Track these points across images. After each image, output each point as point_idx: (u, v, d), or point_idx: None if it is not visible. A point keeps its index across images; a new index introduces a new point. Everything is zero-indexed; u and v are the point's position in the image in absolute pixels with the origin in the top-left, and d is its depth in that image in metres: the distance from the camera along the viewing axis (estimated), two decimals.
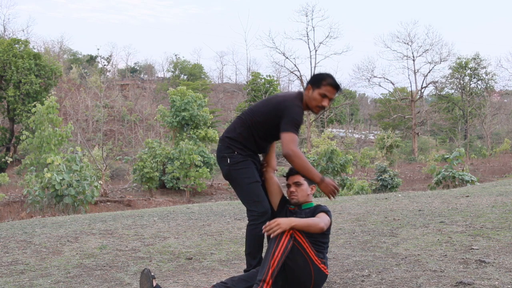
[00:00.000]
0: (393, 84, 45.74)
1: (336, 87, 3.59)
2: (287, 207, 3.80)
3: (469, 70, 44.77)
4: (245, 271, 3.72)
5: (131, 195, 22.92)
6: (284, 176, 3.85)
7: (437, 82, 46.05)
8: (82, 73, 49.86)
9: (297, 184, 3.73)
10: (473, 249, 4.68)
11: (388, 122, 45.28)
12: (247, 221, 3.75)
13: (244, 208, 4.16)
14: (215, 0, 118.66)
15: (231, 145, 3.69)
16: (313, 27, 40.96)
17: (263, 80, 40.81)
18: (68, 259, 5.00)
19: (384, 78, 45.17)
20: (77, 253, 5.22)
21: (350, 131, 48.93)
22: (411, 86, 46.21)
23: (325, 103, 3.58)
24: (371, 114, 57.03)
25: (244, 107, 31.64)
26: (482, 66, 44.98)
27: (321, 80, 3.60)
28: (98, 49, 43.87)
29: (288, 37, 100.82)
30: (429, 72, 43.87)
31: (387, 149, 33.83)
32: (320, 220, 3.48)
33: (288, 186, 3.78)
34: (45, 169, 14.76)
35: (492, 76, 45.62)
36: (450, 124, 47.42)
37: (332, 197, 3.60)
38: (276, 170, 4.00)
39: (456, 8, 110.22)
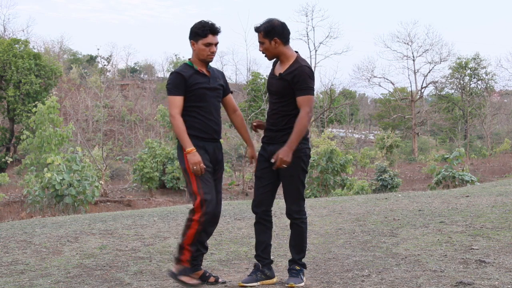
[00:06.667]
0: (393, 84, 45.63)
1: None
2: None
3: (469, 70, 44.70)
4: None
5: (131, 195, 22.91)
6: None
7: (437, 82, 45.97)
8: (82, 73, 49.77)
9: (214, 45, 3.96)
10: (473, 249, 4.69)
11: (388, 122, 45.21)
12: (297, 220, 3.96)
13: (244, 208, 4.16)
14: (215, 0, 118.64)
15: None
16: (313, 27, 40.89)
17: (263, 80, 40.72)
18: (68, 259, 5.00)
19: (384, 78, 45.01)
20: (77, 253, 5.22)
21: (350, 131, 48.88)
22: (411, 86, 46.07)
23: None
24: (371, 114, 56.95)
25: (244, 107, 31.58)
26: (482, 66, 44.89)
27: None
28: (98, 49, 43.53)
29: None
30: (429, 72, 43.78)
31: (387, 149, 33.78)
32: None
33: (209, 45, 3.91)
34: (45, 169, 14.74)
35: (492, 76, 45.55)
36: (450, 124, 47.35)
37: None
38: None
39: (456, 8, 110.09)
